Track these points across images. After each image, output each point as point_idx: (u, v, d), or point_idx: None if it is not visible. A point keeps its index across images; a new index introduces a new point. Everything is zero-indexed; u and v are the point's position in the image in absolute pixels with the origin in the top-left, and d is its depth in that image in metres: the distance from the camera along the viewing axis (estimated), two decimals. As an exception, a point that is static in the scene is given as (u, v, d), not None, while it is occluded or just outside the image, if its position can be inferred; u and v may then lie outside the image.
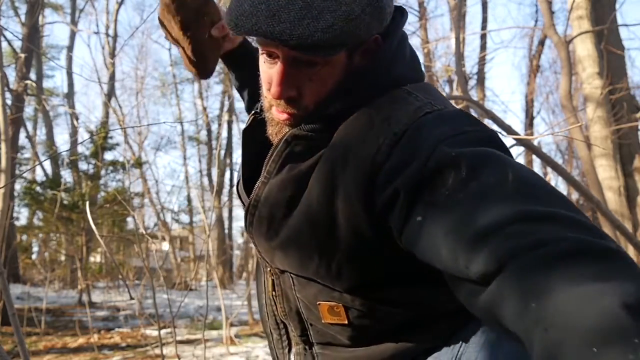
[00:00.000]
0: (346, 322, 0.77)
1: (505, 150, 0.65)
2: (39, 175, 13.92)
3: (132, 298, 2.18)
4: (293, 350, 0.86)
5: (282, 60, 0.71)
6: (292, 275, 0.79)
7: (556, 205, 0.54)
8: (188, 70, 1.00)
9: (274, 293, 0.85)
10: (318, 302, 0.77)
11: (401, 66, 0.77)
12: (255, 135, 0.85)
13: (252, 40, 0.78)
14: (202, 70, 0.99)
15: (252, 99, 1.08)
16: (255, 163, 0.84)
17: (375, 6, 0.68)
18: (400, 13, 0.79)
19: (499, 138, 0.67)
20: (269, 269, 0.85)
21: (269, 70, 0.74)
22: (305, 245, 0.73)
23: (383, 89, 0.74)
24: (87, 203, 2.39)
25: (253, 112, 0.89)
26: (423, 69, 0.84)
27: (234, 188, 0.93)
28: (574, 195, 11.26)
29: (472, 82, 11.48)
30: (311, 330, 0.82)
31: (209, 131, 16.99)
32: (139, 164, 11.72)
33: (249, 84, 1.06)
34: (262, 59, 0.75)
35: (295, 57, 0.70)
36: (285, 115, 0.75)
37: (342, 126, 0.72)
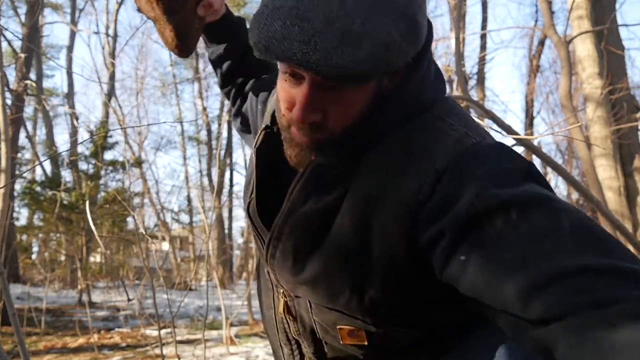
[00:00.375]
0: (365, 343, 0.74)
1: (545, 181, 0.64)
2: (39, 175, 13.93)
3: (129, 300, 2.17)
4: None
5: (309, 83, 0.65)
6: (311, 303, 0.76)
7: (612, 253, 0.54)
8: (168, 49, 0.94)
9: (288, 316, 0.81)
10: (339, 327, 0.74)
11: (429, 88, 0.74)
12: (269, 152, 0.79)
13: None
14: (185, 49, 0.93)
15: (231, 74, 1.04)
16: (268, 181, 0.79)
17: (414, 32, 0.64)
18: (429, 29, 0.73)
19: (538, 170, 0.66)
20: (281, 290, 0.81)
21: (290, 90, 0.68)
22: (335, 281, 0.69)
23: (413, 114, 0.70)
24: (87, 203, 2.39)
25: (264, 126, 0.82)
26: (446, 84, 0.82)
27: (244, 208, 0.85)
28: (574, 195, 11.27)
29: (472, 82, 11.48)
30: (326, 347, 0.80)
31: (209, 131, 16.98)
32: (138, 163, 11.72)
33: (227, 57, 1.02)
34: (283, 76, 0.69)
35: (323, 82, 0.65)
36: (308, 139, 0.69)
37: (374, 156, 0.68)
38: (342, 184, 0.70)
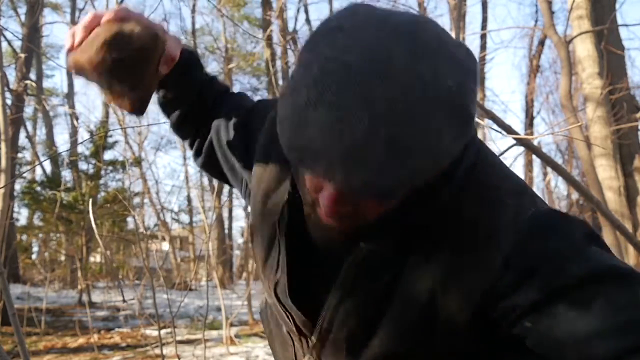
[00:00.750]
0: None
1: (601, 240, 0.64)
2: (39, 176, 13.93)
3: (124, 301, 2.17)
4: None
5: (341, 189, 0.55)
6: None
7: None
8: (120, 108, 0.78)
9: None
10: None
11: (468, 151, 0.64)
12: (292, 224, 0.70)
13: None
14: (143, 110, 0.78)
15: (186, 118, 0.91)
16: (301, 258, 0.72)
17: (465, 128, 0.53)
18: None
19: (594, 230, 0.64)
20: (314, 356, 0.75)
21: (317, 182, 0.57)
22: None
23: (458, 184, 0.63)
24: (90, 203, 2.39)
25: (287, 197, 0.70)
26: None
27: (271, 291, 0.75)
28: (574, 195, 11.27)
29: (472, 82, 11.46)
30: None
31: (209, 131, 16.97)
32: (138, 163, 11.72)
33: (182, 101, 0.89)
34: None
35: None
36: (339, 225, 0.60)
37: (427, 238, 0.63)
38: (392, 267, 0.65)
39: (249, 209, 0.84)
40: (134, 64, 0.72)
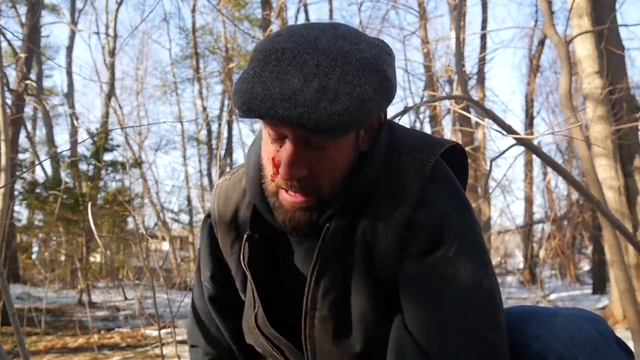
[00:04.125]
0: None
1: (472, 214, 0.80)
2: (39, 176, 13.93)
3: (126, 298, 2.17)
4: None
5: (293, 141, 0.70)
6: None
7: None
8: None
9: None
10: None
11: (392, 131, 0.84)
12: (258, 260, 0.82)
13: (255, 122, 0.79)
14: None
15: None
16: (267, 287, 0.82)
17: (385, 86, 0.69)
18: None
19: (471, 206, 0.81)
20: None
21: (276, 153, 0.72)
22: (374, 329, 0.76)
23: (385, 157, 0.79)
24: (90, 204, 2.39)
25: (246, 236, 0.83)
26: None
27: (249, 322, 0.86)
28: (574, 195, 11.27)
29: (472, 82, 11.48)
30: None
31: (209, 131, 16.97)
32: (138, 163, 11.72)
33: None
34: (268, 140, 0.73)
35: (306, 138, 0.70)
36: (298, 198, 0.74)
37: (369, 207, 0.77)
38: (348, 239, 0.76)
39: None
40: None
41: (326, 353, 0.78)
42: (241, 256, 0.82)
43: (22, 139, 13.18)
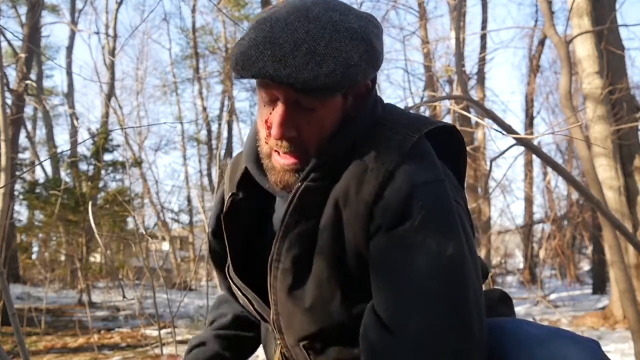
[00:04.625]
0: None
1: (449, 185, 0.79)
2: (39, 176, 13.93)
3: (124, 297, 2.17)
4: None
5: (283, 102, 0.76)
6: (306, 345, 0.81)
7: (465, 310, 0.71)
8: None
9: None
10: None
11: (378, 103, 0.86)
12: (237, 217, 0.88)
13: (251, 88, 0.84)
14: None
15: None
16: (243, 243, 0.88)
17: (371, 54, 0.75)
18: None
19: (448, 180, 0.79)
20: (279, 342, 0.86)
21: (269, 115, 0.78)
22: (327, 289, 0.77)
23: (370, 128, 0.81)
24: (90, 203, 2.39)
25: (231, 194, 0.90)
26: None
27: (226, 272, 0.93)
28: (574, 195, 11.27)
29: (472, 82, 11.47)
30: None
31: (209, 131, 16.97)
32: (138, 163, 11.72)
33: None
34: (262, 104, 0.79)
35: (295, 100, 0.75)
36: (288, 160, 0.79)
37: (345, 173, 0.78)
38: (325, 202, 0.78)
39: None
40: None
41: (284, 305, 0.81)
42: (222, 211, 0.89)
43: (22, 139, 13.19)
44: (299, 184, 0.79)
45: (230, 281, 0.90)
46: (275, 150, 0.80)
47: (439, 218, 0.74)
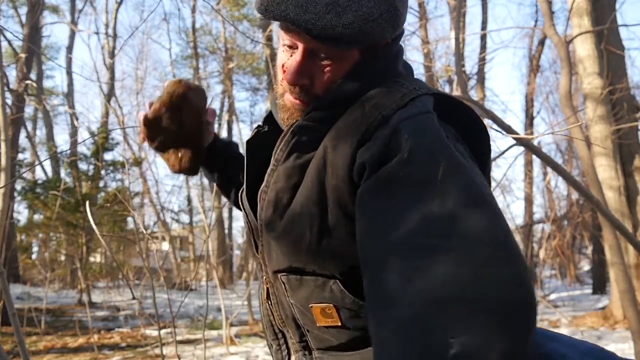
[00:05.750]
0: (339, 324, 0.77)
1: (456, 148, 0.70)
2: (39, 176, 13.93)
3: (134, 297, 2.17)
4: (292, 358, 0.87)
5: (301, 50, 0.78)
6: (283, 279, 0.81)
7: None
8: (175, 172, 1.04)
9: (269, 302, 0.87)
10: (310, 305, 0.79)
11: (395, 67, 0.85)
12: (259, 147, 0.90)
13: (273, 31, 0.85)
14: (194, 169, 1.03)
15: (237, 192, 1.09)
16: (258, 173, 0.88)
17: (392, 13, 0.76)
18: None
19: (447, 138, 0.70)
20: (264, 277, 0.87)
21: (287, 60, 0.81)
22: (300, 225, 0.76)
23: (381, 81, 0.80)
24: (88, 203, 2.39)
25: (257, 126, 0.94)
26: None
27: (238, 196, 0.96)
28: (574, 195, 11.27)
29: (472, 82, 11.48)
30: (309, 336, 0.83)
31: (209, 131, 16.95)
32: (138, 162, 11.72)
33: (233, 181, 1.10)
34: (282, 47, 0.82)
35: (313, 49, 0.77)
36: (298, 101, 0.81)
37: (342, 116, 0.78)
38: (318, 143, 0.78)
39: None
40: (196, 114, 0.99)
41: (265, 236, 0.83)
42: (249, 139, 0.91)
43: (22, 139, 13.19)
44: (295, 121, 0.81)
45: (240, 205, 0.93)
46: (288, 92, 0.82)
47: (430, 145, 0.66)
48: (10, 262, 8.07)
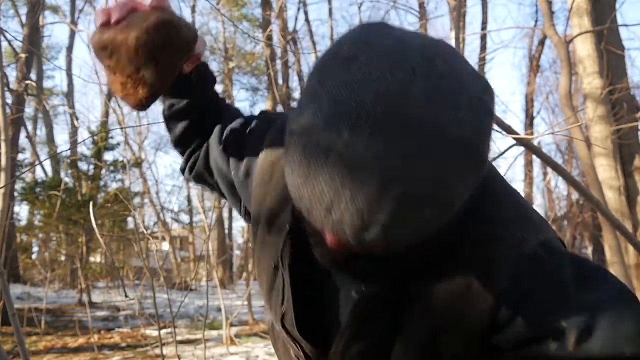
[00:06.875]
0: None
1: (592, 269, 0.62)
2: (39, 176, 13.93)
3: (126, 296, 2.18)
4: None
5: None
6: None
7: None
8: (126, 100, 0.75)
9: None
10: None
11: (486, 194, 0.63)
12: (296, 259, 0.70)
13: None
14: (148, 103, 0.76)
15: (190, 132, 0.89)
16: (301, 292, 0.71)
17: (478, 179, 0.51)
18: None
19: (587, 265, 0.62)
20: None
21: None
22: None
23: (468, 227, 0.60)
24: (91, 203, 2.39)
25: (287, 230, 0.70)
26: None
27: (278, 322, 0.75)
28: (574, 195, 11.27)
29: (472, 82, 11.45)
30: None
31: (209, 131, 16.96)
32: (138, 163, 11.73)
33: (189, 113, 0.86)
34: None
35: None
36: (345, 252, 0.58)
37: (432, 276, 0.62)
38: (393, 309, 0.64)
39: (249, 229, 0.82)
40: (174, 54, 0.72)
41: None
42: (280, 251, 0.70)
43: (22, 139, 13.18)
44: (364, 287, 0.65)
45: (281, 327, 0.73)
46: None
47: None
48: (11, 262, 8.07)
